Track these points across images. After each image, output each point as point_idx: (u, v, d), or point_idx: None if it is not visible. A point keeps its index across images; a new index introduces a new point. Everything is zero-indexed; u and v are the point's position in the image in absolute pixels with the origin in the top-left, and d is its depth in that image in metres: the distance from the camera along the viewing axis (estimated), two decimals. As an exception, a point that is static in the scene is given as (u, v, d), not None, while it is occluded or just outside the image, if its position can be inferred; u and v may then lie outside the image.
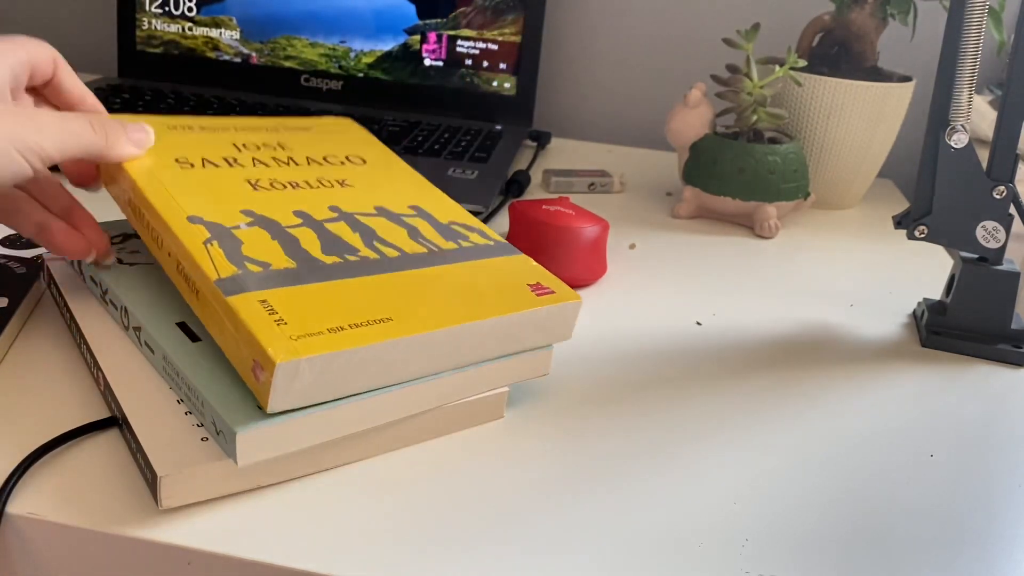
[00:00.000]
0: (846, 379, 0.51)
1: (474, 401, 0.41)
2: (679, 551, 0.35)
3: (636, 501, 0.38)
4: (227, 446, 0.34)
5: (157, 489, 0.33)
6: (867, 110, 0.78)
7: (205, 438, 0.35)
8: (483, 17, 0.94)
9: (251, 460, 0.34)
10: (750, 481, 0.40)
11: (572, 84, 1.03)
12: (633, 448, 0.42)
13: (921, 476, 0.42)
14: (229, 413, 0.34)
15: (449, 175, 0.75)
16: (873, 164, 0.82)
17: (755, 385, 0.49)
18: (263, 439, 0.34)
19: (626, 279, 0.62)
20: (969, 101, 0.53)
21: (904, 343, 0.57)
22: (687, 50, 1.00)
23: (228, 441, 0.34)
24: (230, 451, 0.34)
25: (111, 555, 0.33)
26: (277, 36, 0.97)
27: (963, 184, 0.54)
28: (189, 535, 0.33)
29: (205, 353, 0.38)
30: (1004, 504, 0.41)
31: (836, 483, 0.41)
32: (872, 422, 0.47)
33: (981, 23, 0.51)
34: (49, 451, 0.36)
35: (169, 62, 0.98)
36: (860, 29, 0.79)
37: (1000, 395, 0.51)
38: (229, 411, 0.34)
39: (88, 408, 0.40)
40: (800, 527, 0.37)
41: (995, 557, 0.37)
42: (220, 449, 0.35)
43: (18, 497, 0.34)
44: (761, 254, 0.70)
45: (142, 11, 0.97)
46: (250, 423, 0.33)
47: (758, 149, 0.72)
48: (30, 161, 0.37)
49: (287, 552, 0.33)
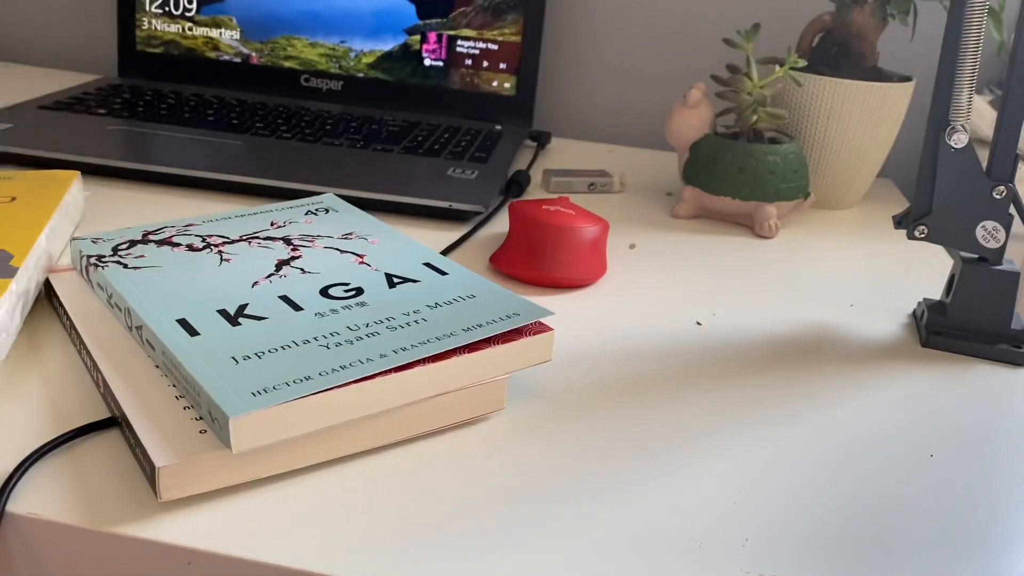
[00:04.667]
0: (846, 379, 0.51)
1: (474, 389, 0.41)
2: (679, 551, 0.35)
3: (636, 501, 0.38)
4: (222, 433, 0.34)
5: (156, 481, 0.34)
6: (867, 110, 0.78)
7: (204, 431, 0.36)
8: (483, 17, 0.94)
9: (247, 447, 0.34)
10: (750, 481, 0.40)
11: (572, 84, 1.03)
12: (633, 448, 0.42)
13: (921, 476, 0.42)
14: (224, 399, 0.35)
15: (449, 175, 0.75)
16: (873, 164, 0.82)
17: (755, 385, 0.49)
18: (258, 424, 0.34)
19: (626, 279, 0.62)
20: (969, 101, 0.53)
21: (904, 343, 0.57)
22: (687, 50, 1.00)
23: (222, 428, 0.34)
24: (224, 438, 0.34)
25: (111, 555, 0.33)
26: (277, 36, 0.97)
27: (963, 184, 0.54)
28: (189, 535, 0.33)
29: (204, 346, 0.39)
30: (1004, 504, 0.41)
31: (836, 483, 0.41)
32: (872, 422, 0.47)
33: (981, 23, 0.51)
34: (50, 451, 0.36)
35: (169, 62, 0.98)
36: (860, 29, 0.79)
37: (1000, 395, 0.51)
38: (224, 397, 0.35)
39: (88, 409, 0.40)
40: (800, 527, 0.37)
41: (995, 557, 0.37)
42: (218, 440, 0.35)
43: (19, 497, 0.34)
44: (761, 254, 0.70)
45: (142, 11, 0.97)
46: (244, 408, 0.34)
47: (758, 149, 0.72)
48: None
49: (287, 552, 0.33)
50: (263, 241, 0.51)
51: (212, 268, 0.47)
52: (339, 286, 0.46)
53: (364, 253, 0.50)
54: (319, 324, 0.41)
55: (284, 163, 0.73)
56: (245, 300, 0.43)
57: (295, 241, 0.51)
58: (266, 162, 0.73)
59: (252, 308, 0.42)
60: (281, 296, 0.44)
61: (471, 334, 0.41)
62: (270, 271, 0.47)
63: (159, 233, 0.51)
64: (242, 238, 0.51)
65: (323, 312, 0.42)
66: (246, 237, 0.51)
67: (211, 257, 0.48)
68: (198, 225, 0.53)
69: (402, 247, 0.51)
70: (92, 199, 0.65)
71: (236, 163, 0.72)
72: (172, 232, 0.51)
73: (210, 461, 0.35)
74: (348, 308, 0.43)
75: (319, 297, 0.44)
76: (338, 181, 0.70)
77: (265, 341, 0.39)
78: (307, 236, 0.52)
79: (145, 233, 0.51)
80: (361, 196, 0.68)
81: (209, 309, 0.42)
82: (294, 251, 0.50)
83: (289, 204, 0.57)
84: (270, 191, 0.69)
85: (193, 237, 0.51)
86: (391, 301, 0.44)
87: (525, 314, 0.44)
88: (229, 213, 0.55)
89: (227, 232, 0.52)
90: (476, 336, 0.41)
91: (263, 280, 0.46)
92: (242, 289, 0.44)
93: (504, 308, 0.44)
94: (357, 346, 0.39)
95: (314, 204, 0.58)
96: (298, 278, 0.46)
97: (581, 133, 1.05)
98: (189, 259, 0.48)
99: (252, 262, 0.48)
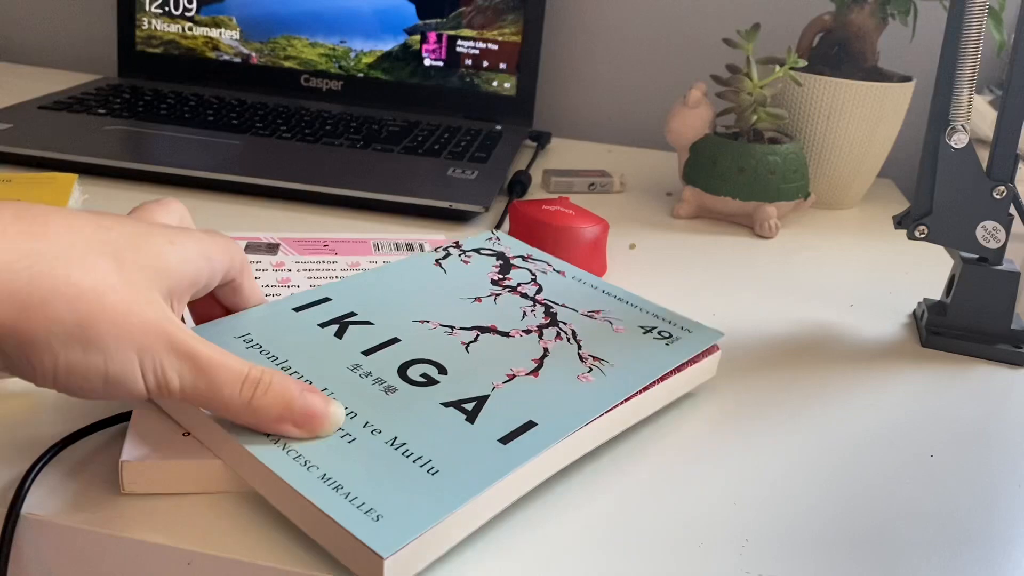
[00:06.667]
0: (846, 379, 0.51)
1: None
2: (679, 551, 0.35)
3: (636, 501, 0.38)
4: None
5: (120, 475, 0.34)
6: (867, 110, 0.78)
7: (187, 433, 0.36)
8: (483, 17, 0.94)
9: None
10: (750, 481, 0.40)
11: (572, 84, 1.03)
12: (632, 448, 0.42)
13: (921, 476, 0.42)
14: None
15: (449, 175, 0.75)
16: (873, 164, 0.82)
17: (755, 385, 0.49)
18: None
19: (626, 279, 0.62)
20: (969, 101, 0.53)
21: (904, 343, 0.57)
22: (687, 50, 1.00)
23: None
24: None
25: (111, 555, 0.33)
26: (277, 36, 0.97)
27: (963, 184, 0.54)
28: (190, 535, 0.33)
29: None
30: (1004, 504, 0.41)
31: (836, 483, 0.41)
32: (872, 422, 0.47)
33: (981, 23, 0.51)
34: (60, 451, 0.36)
35: (169, 62, 0.98)
36: (860, 29, 0.79)
37: (1000, 395, 0.51)
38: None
39: (95, 410, 0.40)
40: (800, 527, 0.37)
41: (995, 557, 0.37)
42: (199, 446, 0.35)
43: (26, 498, 0.34)
44: (761, 254, 0.70)
45: (142, 11, 0.97)
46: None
47: (758, 149, 0.72)
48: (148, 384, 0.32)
49: (287, 551, 0.33)
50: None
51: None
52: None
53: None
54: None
55: (284, 163, 0.73)
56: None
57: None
58: (266, 162, 0.73)
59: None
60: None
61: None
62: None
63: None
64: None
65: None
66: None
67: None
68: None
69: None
70: (91, 199, 0.65)
71: (236, 163, 0.72)
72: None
73: (174, 466, 0.35)
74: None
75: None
76: (338, 181, 0.70)
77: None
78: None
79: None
80: (361, 196, 0.68)
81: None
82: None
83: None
84: (270, 191, 0.69)
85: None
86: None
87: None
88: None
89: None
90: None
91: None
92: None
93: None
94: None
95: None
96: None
97: (581, 133, 1.04)
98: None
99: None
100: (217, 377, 0.32)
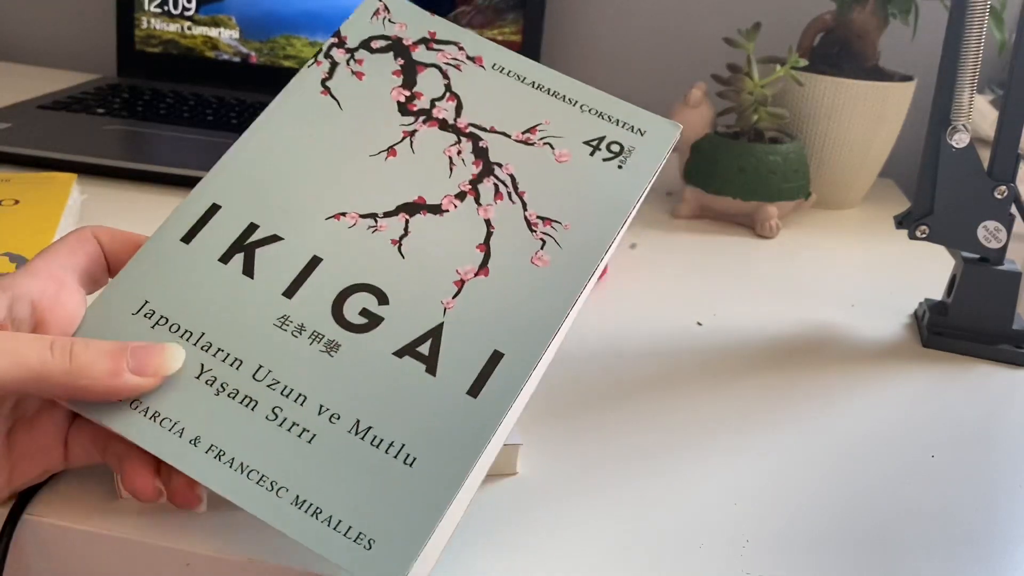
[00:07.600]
0: (847, 379, 0.51)
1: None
2: (679, 552, 0.35)
3: (636, 501, 0.38)
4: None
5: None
6: (868, 110, 0.78)
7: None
8: (483, 17, 0.94)
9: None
10: (751, 482, 0.40)
11: (572, 84, 1.03)
12: (633, 448, 0.42)
13: (922, 476, 0.42)
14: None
15: (449, 175, 0.75)
16: (874, 164, 0.82)
17: (756, 385, 0.49)
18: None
19: (626, 279, 0.62)
20: (970, 101, 0.53)
21: (905, 343, 0.56)
22: (687, 50, 1.00)
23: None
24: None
25: (110, 556, 0.33)
26: (276, 35, 0.97)
27: (964, 184, 0.54)
28: (189, 536, 0.33)
29: None
30: (1005, 504, 0.41)
31: (837, 483, 0.41)
32: (873, 422, 0.46)
33: (982, 23, 0.51)
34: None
35: (168, 62, 0.98)
36: (861, 28, 0.79)
37: (1001, 395, 0.51)
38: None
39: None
40: (801, 528, 0.37)
41: (995, 557, 0.37)
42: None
43: (26, 499, 0.34)
44: (762, 254, 0.70)
45: (141, 11, 0.97)
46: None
47: (759, 149, 0.72)
48: None
49: (287, 551, 0.33)
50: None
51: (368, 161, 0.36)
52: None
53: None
54: None
55: (284, 163, 0.73)
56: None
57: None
58: (266, 162, 0.73)
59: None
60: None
61: None
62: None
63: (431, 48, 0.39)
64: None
65: None
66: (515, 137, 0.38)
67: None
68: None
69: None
70: (90, 199, 0.65)
71: (235, 163, 0.72)
72: (449, 57, 0.39)
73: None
74: None
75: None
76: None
77: None
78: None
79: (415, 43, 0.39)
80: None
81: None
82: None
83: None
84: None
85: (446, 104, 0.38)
86: None
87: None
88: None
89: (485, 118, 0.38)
90: None
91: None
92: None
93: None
94: None
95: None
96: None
97: (581, 133, 1.04)
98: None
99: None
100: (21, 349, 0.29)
